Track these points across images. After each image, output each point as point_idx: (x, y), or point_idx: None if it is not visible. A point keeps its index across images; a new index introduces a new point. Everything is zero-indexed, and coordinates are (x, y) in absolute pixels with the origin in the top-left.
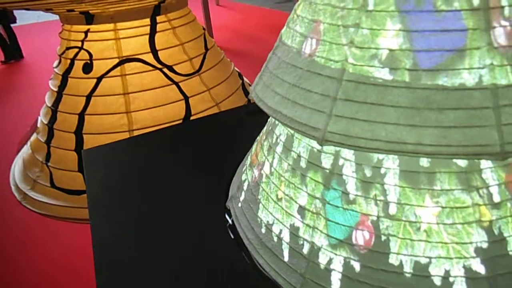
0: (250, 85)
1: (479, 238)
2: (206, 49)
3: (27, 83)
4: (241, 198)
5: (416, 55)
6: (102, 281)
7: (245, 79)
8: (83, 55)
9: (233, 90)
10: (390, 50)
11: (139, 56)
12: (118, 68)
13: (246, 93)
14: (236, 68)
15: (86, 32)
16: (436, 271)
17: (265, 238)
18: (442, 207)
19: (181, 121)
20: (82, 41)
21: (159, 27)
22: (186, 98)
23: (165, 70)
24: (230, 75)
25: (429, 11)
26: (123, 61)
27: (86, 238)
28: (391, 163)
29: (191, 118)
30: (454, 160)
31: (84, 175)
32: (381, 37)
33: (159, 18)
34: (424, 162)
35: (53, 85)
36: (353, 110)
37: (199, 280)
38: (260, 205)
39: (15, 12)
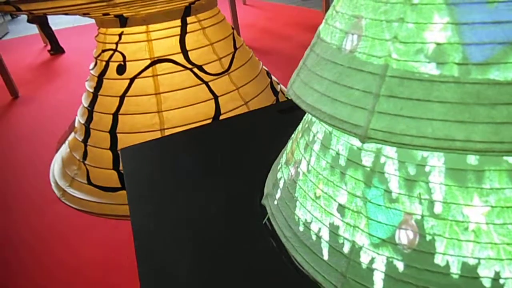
0: (278, 84)
1: None
2: (235, 48)
3: (68, 80)
4: (277, 196)
5: (465, 48)
6: (144, 274)
7: (273, 77)
8: (117, 57)
9: (262, 89)
10: (437, 44)
11: (170, 57)
12: (150, 68)
13: (275, 91)
14: (264, 67)
15: (120, 35)
16: (485, 273)
17: (303, 236)
18: (492, 207)
19: (210, 120)
20: (116, 43)
21: (189, 27)
22: (215, 97)
23: (195, 70)
24: (259, 74)
25: (480, 3)
26: (155, 62)
27: (119, 234)
28: (436, 161)
29: (221, 117)
30: (505, 158)
31: (123, 173)
32: (427, 31)
33: (189, 19)
34: (472, 159)
35: (89, 86)
36: (397, 106)
37: (236, 276)
38: (298, 203)
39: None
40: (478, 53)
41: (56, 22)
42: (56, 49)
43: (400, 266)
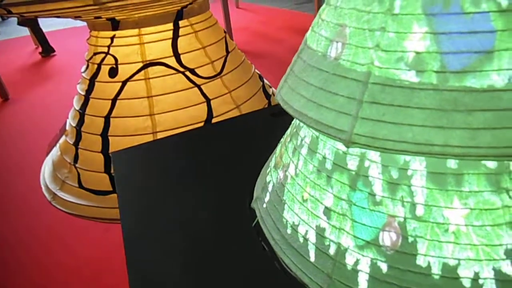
0: (270, 87)
1: (509, 240)
2: (227, 52)
3: (59, 83)
4: (266, 199)
5: (443, 57)
6: (133, 277)
7: (265, 81)
8: (109, 60)
9: (254, 92)
10: (417, 52)
11: (162, 60)
12: (142, 72)
13: (267, 95)
14: (256, 70)
15: (112, 38)
16: (465, 273)
17: (291, 239)
18: (471, 209)
19: (203, 123)
20: (108, 46)
21: (181, 31)
22: (208, 101)
23: (187, 73)
24: (251, 78)
25: (457, 13)
26: (147, 65)
27: (109, 238)
28: (418, 165)
29: (213, 120)
30: (483, 162)
31: (114, 176)
32: (407, 40)
33: (181, 23)
34: (452, 163)
35: (80, 89)
36: (379, 112)
37: (226, 279)
38: (286, 206)
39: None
40: (455, 62)
41: (48, 24)
42: (47, 50)
43: (383, 267)
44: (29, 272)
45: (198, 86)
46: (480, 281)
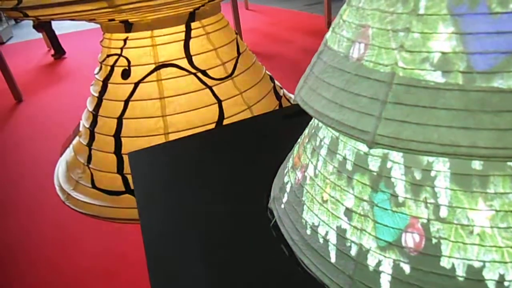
0: (281, 88)
1: None
2: (239, 53)
3: (71, 85)
4: (284, 200)
5: (470, 57)
6: (154, 274)
7: (276, 82)
8: (122, 61)
9: (265, 93)
10: (443, 53)
11: (174, 62)
12: (155, 73)
13: (278, 96)
14: (267, 72)
15: (125, 40)
16: (490, 275)
17: (311, 239)
18: (496, 211)
19: (214, 124)
20: (121, 48)
21: (193, 33)
22: (219, 102)
23: (199, 74)
24: (262, 79)
25: (484, 14)
26: (159, 66)
27: (123, 238)
28: (441, 166)
29: (224, 121)
30: (509, 163)
31: (132, 176)
32: (433, 40)
33: (193, 25)
34: (477, 165)
35: (94, 90)
36: (403, 113)
37: (244, 277)
38: (305, 206)
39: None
40: (482, 62)
41: (60, 27)
42: (58, 51)
43: (406, 268)
44: (41, 271)
45: (210, 88)
46: (506, 283)
